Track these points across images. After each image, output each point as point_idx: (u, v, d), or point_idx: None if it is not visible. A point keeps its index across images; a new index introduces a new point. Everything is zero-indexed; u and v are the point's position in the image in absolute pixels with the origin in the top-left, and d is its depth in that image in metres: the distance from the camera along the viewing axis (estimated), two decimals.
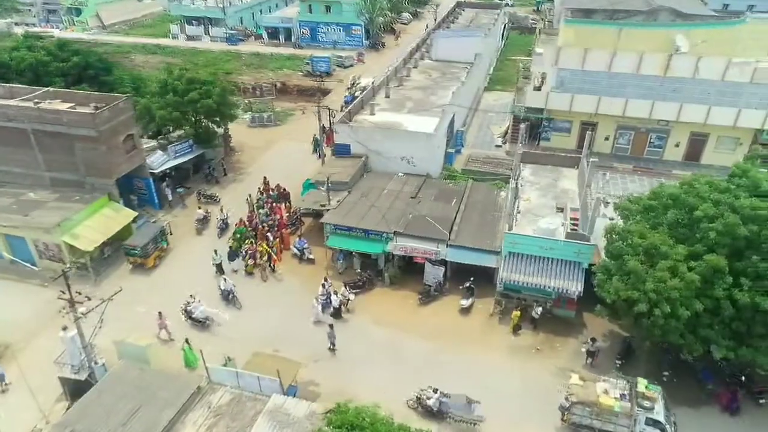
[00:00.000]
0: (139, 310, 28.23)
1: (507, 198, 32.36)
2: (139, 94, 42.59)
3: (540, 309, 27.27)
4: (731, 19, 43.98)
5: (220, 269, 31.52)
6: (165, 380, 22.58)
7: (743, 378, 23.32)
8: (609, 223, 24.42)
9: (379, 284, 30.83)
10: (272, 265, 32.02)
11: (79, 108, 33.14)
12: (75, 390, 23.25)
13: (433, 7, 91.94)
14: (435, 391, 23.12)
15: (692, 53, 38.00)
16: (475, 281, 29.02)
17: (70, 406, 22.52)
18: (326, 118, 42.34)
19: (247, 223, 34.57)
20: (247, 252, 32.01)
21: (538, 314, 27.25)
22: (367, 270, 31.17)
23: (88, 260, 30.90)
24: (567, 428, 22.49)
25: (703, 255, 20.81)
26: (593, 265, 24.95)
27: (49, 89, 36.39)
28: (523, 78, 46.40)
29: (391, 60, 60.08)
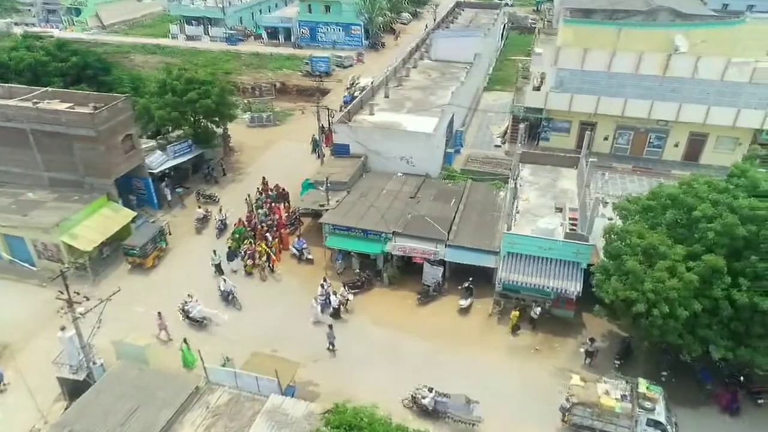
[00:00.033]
0: (138, 311, 28.25)
1: (506, 198, 32.33)
2: (138, 94, 42.54)
3: (539, 309, 27.26)
4: (730, 19, 43.94)
5: (219, 269, 31.51)
6: (163, 380, 22.55)
7: (742, 378, 23.32)
8: (608, 223, 24.38)
9: (378, 284, 30.81)
10: (271, 266, 32.02)
11: (78, 108, 33.14)
12: (73, 390, 23.25)
13: (433, 7, 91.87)
14: (430, 390, 23.09)
15: (691, 53, 37.94)
16: (474, 281, 28.99)
17: (69, 406, 22.48)
18: (325, 119, 42.31)
19: (246, 223, 34.55)
20: (246, 252, 32.01)
21: (537, 314, 27.23)
22: (366, 270, 31.15)
23: (87, 260, 30.88)
24: (567, 429, 22.45)
25: (702, 255, 20.77)
26: (592, 265, 24.91)
27: (48, 89, 36.36)
28: (523, 78, 46.36)
29: (391, 60, 60.07)
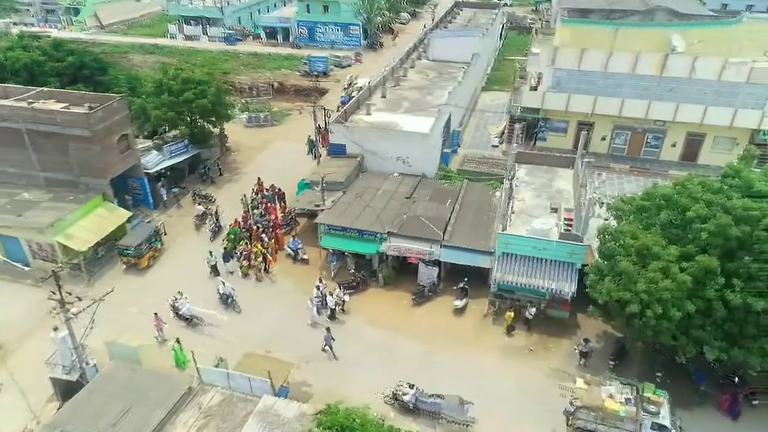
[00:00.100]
0: (132, 311, 28.21)
1: (501, 198, 32.25)
2: (135, 94, 42.50)
3: (534, 310, 27.17)
4: (728, 19, 43.86)
5: (215, 270, 31.42)
6: (156, 381, 22.50)
7: (736, 379, 23.24)
8: (602, 224, 24.33)
9: (373, 285, 30.73)
10: (267, 266, 31.94)
11: (74, 108, 33.07)
12: (66, 390, 23.20)
13: (431, 7, 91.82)
14: (411, 387, 23.08)
15: (689, 53, 37.85)
16: (469, 282, 28.92)
17: (61, 407, 22.46)
18: (322, 119, 42.24)
19: (242, 224, 34.48)
20: (242, 253, 31.95)
21: (532, 315, 27.15)
22: (361, 270, 31.07)
23: (82, 260, 30.83)
24: (564, 429, 22.40)
25: (696, 256, 20.71)
26: (587, 266, 24.85)
27: (44, 89, 36.34)
28: (520, 78, 46.25)
29: (389, 60, 60.00)
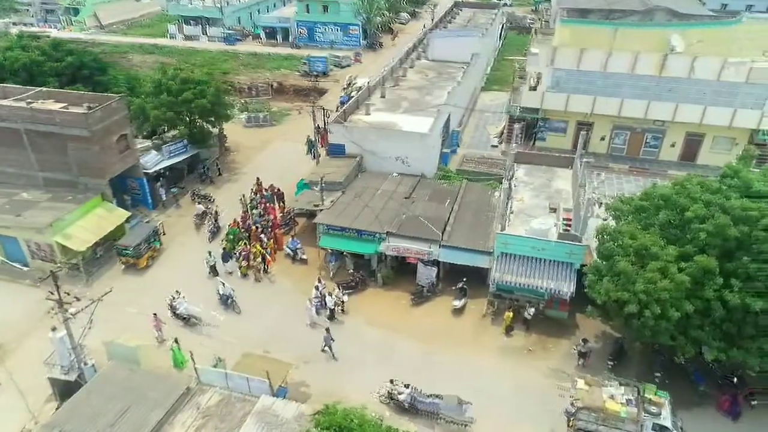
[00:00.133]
0: (131, 311, 28.19)
1: (500, 198, 32.23)
2: (134, 94, 42.46)
3: (532, 310, 27.14)
4: (727, 19, 43.82)
5: (214, 270, 31.40)
6: (154, 381, 22.48)
7: (735, 380, 23.22)
8: (600, 224, 24.30)
9: (372, 285, 30.71)
10: (266, 267, 31.90)
11: (72, 108, 33.05)
12: (65, 391, 23.16)
13: (431, 7, 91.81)
14: (407, 387, 23.09)
15: (688, 53, 37.82)
16: (468, 282, 28.90)
17: (60, 407, 22.44)
18: (321, 119, 42.22)
19: (240, 224, 34.46)
20: (241, 253, 31.92)
21: (531, 315, 27.13)
22: (360, 270, 31.06)
23: (80, 260, 30.81)
24: (561, 430, 22.37)
25: (694, 256, 20.69)
26: (585, 266, 24.82)
27: (42, 89, 36.28)
28: (519, 78, 46.23)
29: (388, 60, 59.99)
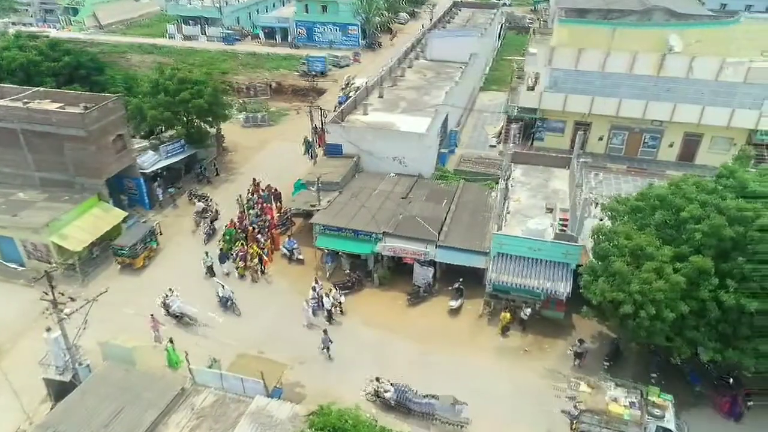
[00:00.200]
0: (128, 312, 28.16)
1: (497, 198, 32.16)
2: (132, 94, 42.43)
3: (529, 310, 27.09)
4: (726, 19, 43.71)
5: (211, 271, 31.35)
6: (149, 381, 22.47)
7: (731, 380, 23.15)
8: (596, 224, 24.23)
9: (369, 285, 30.66)
10: (263, 267, 31.83)
11: (69, 108, 33.04)
12: (59, 391, 23.17)
13: (430, 7, 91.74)
14: (392, 385, 23.16)
15: (686, 53, 37.70)
16: (465, 282, 28.85)
17: (54, 407, 22.41)
18: (319, 119, 42.15)
19: (237, 224, 34.41)
20: (238, 254, 31.86)
21: (527, 315, 27.07)
22: (357, 270, 31.01)
23: (77, 260, 30.77)
24: (557, 430, 22.31)
25: (689, 256, 20.64)
26: (581, 266, 24.76)
27: (39, 89, 36.29)
28: (517, 78, 46.13)
29: (387, 60, 59.92)
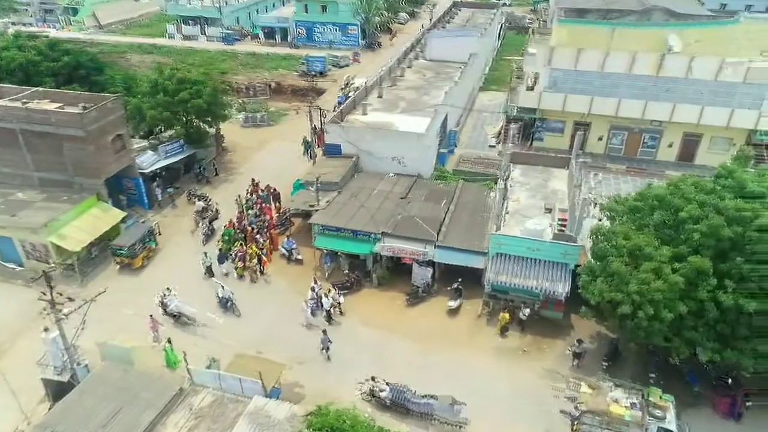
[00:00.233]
0: (126, 312, 28.15)
1: (495, 199, 32.15)
2: (131, 94, 42.43)
3: (527, 310, 27.07)
4: (725, 19, 43.70)
5: (210, 271, 31.32)
6: (147, 382, 22.43)
7: (729, 381, 23.13)
8: (594, 224, 24.21)
9: (367, 285, 30.64)
10: (262, 268, 31.81)
11: (68, 108, 33.01)
12: (58, 391, 23.14)
13: (429, 7, 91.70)
14: (388, 384, 23.20)
15: (685, 53, 37.70)
16: (463, 282, 28.83)
17: (52, 408, 22.40)
18: (318, 119, 42.14)
19: (236, 224, 34.39)
20: (237, 254, 31.84)
21: (526, 316, 27.05)
22: (355, 271, 31.00)
23: (75, 260, 30.76)
24: (556, 431, 22.29)
25: (688, 256, 20.61)
26: (580, 266, 24.74)
27: (38, 89, 36.26)
28: (517, 78, 46.14)
29: (387, 60, 59.92)
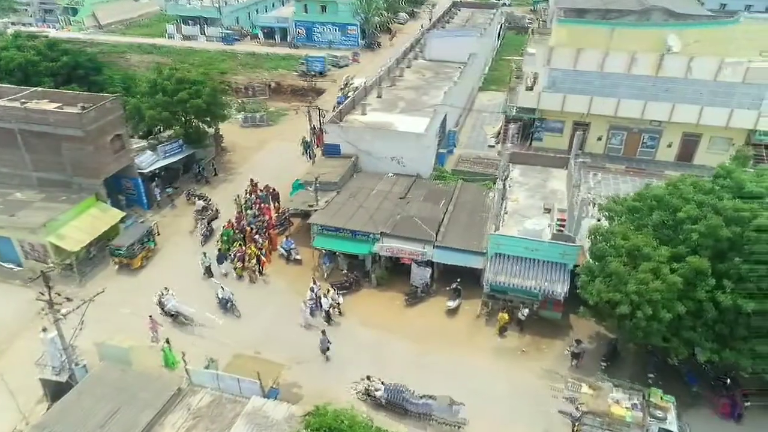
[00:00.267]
0: (125, 312, 28.14)
1: (494, 199, 32.12)
2: (130, 94, 42.42)
3: (526, 311, 27.04)
4: (724, 19, 43.67)
5: (209, 272, 31.29)
6: (146, 382, 22.42)
7: (728, 380, 23.10)
8: (593, 224, 24.20)
9: (366, 285, 30.63)
10: (261, 268, 31.79)
11: (67, 108, 32.99)
12: (56, 392, 23.09)
13: (429, 7, 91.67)
14: (383, 383, 23.24)
15: (685, 53, 37.66)
16: (462, 282, 28.79)
17: (50, 408, 22.38)
18: (317, 119, 42.14)
19: (235, 224, 34.37)
20: (236, 255, 31.83)
21: (525, 316, 27.02)
22: (354, 271, 30.98)
23: (74, 260, 30.74)
24: (554, 431, 22.26)
25: (686, 257, 20.59)
26: (578, 266, 24.72)
27: (37, 89, 36.23)
28: (516, 78, 46.10)
29: (386, 60, 59.90)
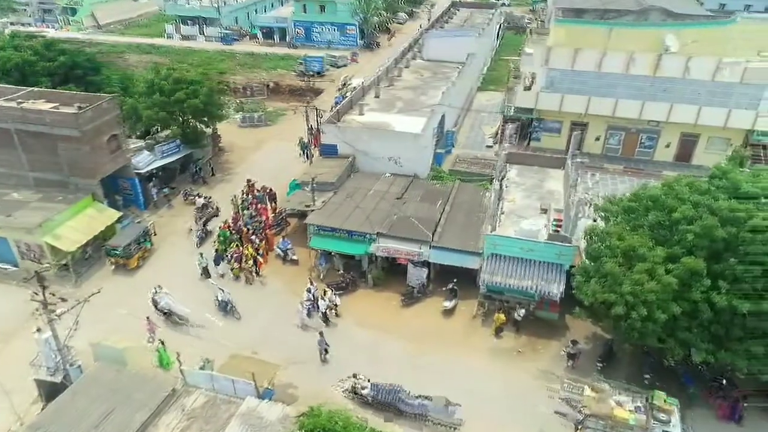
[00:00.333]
0: (121, 312, 28.12)
1: (491, 199, 32.08)
2: (127, 94, 42.39)
3: (522, 311, 26.99)
4: (723, 19, 43.65)
5: (206, 272, 31.26)
6: (140, 382, 22.35)
7: (724, 381, 23.04)
8: (589, 225, 24.16)
9: (362, 286, 30.59)
10: (257, 269, 31.75)
11: (63, 108, 32.92)
12: (50, 392, 23.09)
13: (428, 7, 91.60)
14: (368, 381, 23.29)
15: (682, 53, 37.65)
16: (459, 283, 28.76)
17: (45, 408, 22.35)
18: (315, 119, 42.09)
19: (231, 225, 34.33)
20: (233, 256, 31.78)
21: (521, 316, 26.97)
22: (351, 271, 30.94)
23: (70, 261, 30.70)
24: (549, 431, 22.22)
25: (682, 257, 20.54)
26: (574, 267, 24.67)
27: (34, 89, 36.22)
28: (514, 78, 46.11)
29: (385, 60, 59.87)
